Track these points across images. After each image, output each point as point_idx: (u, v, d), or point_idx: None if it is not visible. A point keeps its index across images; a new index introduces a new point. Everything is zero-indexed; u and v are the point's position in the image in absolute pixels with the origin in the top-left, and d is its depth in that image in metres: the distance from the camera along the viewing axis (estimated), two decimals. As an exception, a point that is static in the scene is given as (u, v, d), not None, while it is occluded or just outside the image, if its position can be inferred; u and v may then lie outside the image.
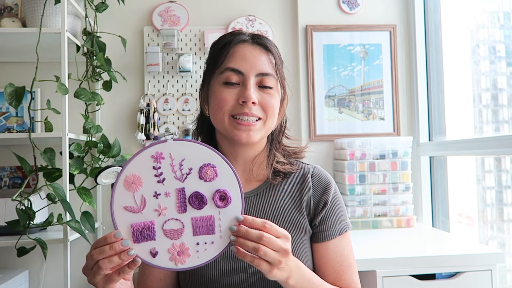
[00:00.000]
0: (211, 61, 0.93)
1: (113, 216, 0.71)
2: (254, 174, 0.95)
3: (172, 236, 0.70)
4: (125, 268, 0.69)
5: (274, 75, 0.90)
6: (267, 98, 0.88)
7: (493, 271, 1.36)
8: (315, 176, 0.96)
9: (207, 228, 0.71)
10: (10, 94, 1.46)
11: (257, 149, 0.95)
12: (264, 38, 0.93)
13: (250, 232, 0.69)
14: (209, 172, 0.71)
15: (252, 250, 0.69)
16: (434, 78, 2.02)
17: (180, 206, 0.71)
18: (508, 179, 1.78)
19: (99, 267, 0.69)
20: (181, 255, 0.70)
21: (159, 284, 0.93)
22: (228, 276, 0.87)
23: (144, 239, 0.70)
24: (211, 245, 0.71)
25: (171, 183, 0.71)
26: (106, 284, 0.71)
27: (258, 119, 0.88)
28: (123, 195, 0.71)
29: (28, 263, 1.87)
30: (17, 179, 1.90)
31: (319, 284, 0.83)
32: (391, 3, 2.08)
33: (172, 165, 0.71)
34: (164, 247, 0.70)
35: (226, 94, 0.87)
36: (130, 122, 1.98)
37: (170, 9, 2.00)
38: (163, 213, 0.71)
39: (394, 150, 1.86)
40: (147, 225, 0.70)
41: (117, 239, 0.69)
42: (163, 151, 0.71)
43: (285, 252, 0.71)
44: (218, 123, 0.89)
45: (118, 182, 0.71)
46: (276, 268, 0.71)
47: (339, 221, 0.94)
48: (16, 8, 1.78)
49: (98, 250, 0.69)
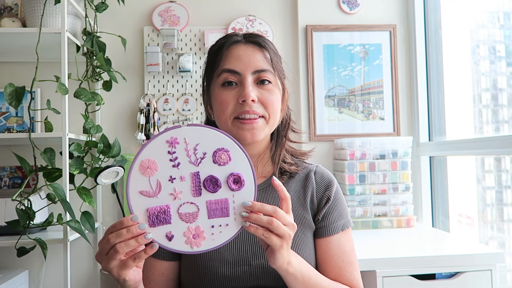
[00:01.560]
0: (208, 66, 0.95)
1: (129, 201, 0.71)
2: (260, 170, 0.96)
3: (187, 220, 0.72)
4: (142, 254, 0.69)
5: (271, 70, 0.91)
6: (266, 95, 0.89)
7: (493, 271, 1.36)
8: (318, 173, 0.98)
9: (221, 211, 0.72)
10: (10, 94, 1.46)
11: (261, 146, 0.96)
12: (257, 35, 0.94)
13: (265, 207, 0.72)
14: (223, 156, 0.73)
15: (266, 224, 0.71)
16: (434, 78, 2.02)
17: (195, 190, 0.72)
18: (508, 179, 1.78)
19: (116, 251, 0.68)
20: (196, 238, 0.72)
21: (162, 278, 0.93)
22: (231, 268, 0.88)
23: (160, 222, 0.71)
24: (226, 228, 0.72)
25: (186, 168, 0.72)
26: (121, 270, 0.70)
27: (260, 117, 0.89)
28: (138, 180, 0.72)
29: (28, 263, 1.87)
30: (17, 179, 1.90)
31: (316, 274, 0.85)
32: (391, 3, 2.08)
33: (187, 149, 0.72)
34: (179, 230, 0.71)
35: (225, 96, 0.89)
36: (130, 122, 1.98)
37: (170, 9, 2.00)
38: (178, 197, 0.72)
39: (394, 150, 1.86)
40: (163, 209, 0.71)
41: (134, 223, 0.69)
42: (177, 136, 0.72)
43: (293, 227, 0.74)
44: (222, 126, 0.91)
45: (134, 167, 0.71)
46: (286, 242, 0.73)
47: (341, 217, 0.95)
48: (16, 8, 1.78)
49: (115, 233, 0.69)
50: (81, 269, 1.92)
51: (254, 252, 0.89)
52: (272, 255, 0.74)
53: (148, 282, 0.92)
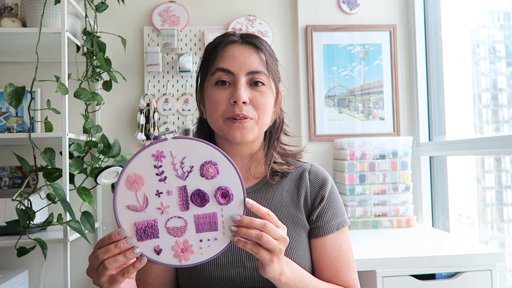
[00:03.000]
0: (203, 64, 0.95)
1: (116, 216, 0.71)
2: (252, 172, 0.96)
3: (175, 234, 0.71)
4: (130, 268, 0.70)
5: (265, 73, 0.91)
6: (259, 96, 0.89)
7: (493, 271, 1.36)
8: (312, 172, 0.97)
9: (209, 225, 0.71)
10: (10, 94, 1.46)
11: (254, 147, 0.96)
12: (254, 36, 0.94)
13: (254, 221, 0.71)
14: (210, 169, 0.72)
15: (255, 238, 0.70)
16: (434, 78, 2.02)
17: (182, 204, 0.71)
18: (508, 179, 1.78)
19: (105, 267, 0.69)
20: (184, 252, 0.71)
21: (158, 281, 0.93)
22: (226, 270, 0.88)
23: (147, 237, 0.71)
24: (214, 242, 0.71)
25: (173, 182, 0.71)
26: (111, 285, 0.71)
27: (251, 118, 0.89)
28: (125, 194, 0.71)
29: (28, 263, 1.87)
30: (17, 179, 1.90)
31: (311, 280, 0.84)
32: (391, 3, 2.08)
33: (173, 163, 0.71)
34: (167, 244, 0.71)
35: (218, 95, 0.89)
36: (130, 122, 1.98)
37: (170, 9, 2.00)
38: (165, 211, 0.71)
39: (394, 150, 1.86)
40: (150, 223, 0.71)
41: (122, 237, 0.70)
42: (163, 150, 0.71)
43: (284, 241, 0.73)
44: (214, 125, 0.91)
45: (120, 182, 0.71)
46: (276, 257, 0.72)
47: (336, 216, 0.94)
48: (16, 8, 1.78)
49: (103, 249, 0.69)
50: (81, 269, 1.92)
51: (249, 254, 0.89)
52: (263, 268, 0.74)
53: (146, 286, 0.93)
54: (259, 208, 0.72)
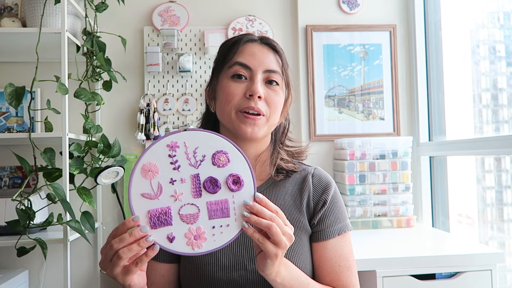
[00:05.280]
0: (220, 57, 0.97)
1: (130, 204, 0.73)
2: (257, 173, 0.96)
3: (188, 221, 0.73)
4: (143, 257, 0.70)
5: (280, 74, 0.94)
6: (272, 94, 0.92)
7: (493, 271, 1.36)
8: (316, 176, 0.98)
9: (222, 211, 0.73)
10: (10, 94, 1.46)
11: (260, 147, 0.97)
12: (272, 40, 0.97)
13: (265, 211, 0.72)
14: (221, 158, 0.75)
15: (265, 227, 0.71)
16: (434, 78, 2.02)
17: (195, 191, 0.74)
18: (508, 179, 1.78)
19: (119, 257, 0.69)
20: (197, 239, 0.73)
21: (162, 280, 0.94)
22: (228, 273, 0.88)
23: (161, 224, 0.72)
24: (227, 228, 0.73)
25: (186, 170, 0.74)
26: (125, 276, 0.72)
27: (262, 115, 0.90)
28: (140, 183, 0.73)
29: (28, 263, 1.87)
30: (17, 179, 1.90)
31: (308, 283, 0.84)
32: (391, 3, 2.08)
33: (187, 153, 0.74)
34: (181, 232, 0.73)
35: (234, 88, 0.90)
36: (130, 122, 1.98)
37: (170, 9, 2.00)
38: (179, 198, 0.73)
39: (394, 150, 1.86)
40: (164, 210, 0.73)
41: (136, 223, 0.71)
42: (177, 140, 0.74)
43: (290, 238, 0.74)
44: (225, 117, 0.92)
45: (136, 171, 0.73)
46: (281, 251, 0.73)
47: (338, 221, 0.94)
48: (16, 8, 1.78)
49: (118, 239, 0.70)
50: (81, 269, 1.92)
51: (251, 257, 0.89)
52: (263, 261, 0.74)
53: (150, 285, 0.93)
54: (268, 204, 0.74)
